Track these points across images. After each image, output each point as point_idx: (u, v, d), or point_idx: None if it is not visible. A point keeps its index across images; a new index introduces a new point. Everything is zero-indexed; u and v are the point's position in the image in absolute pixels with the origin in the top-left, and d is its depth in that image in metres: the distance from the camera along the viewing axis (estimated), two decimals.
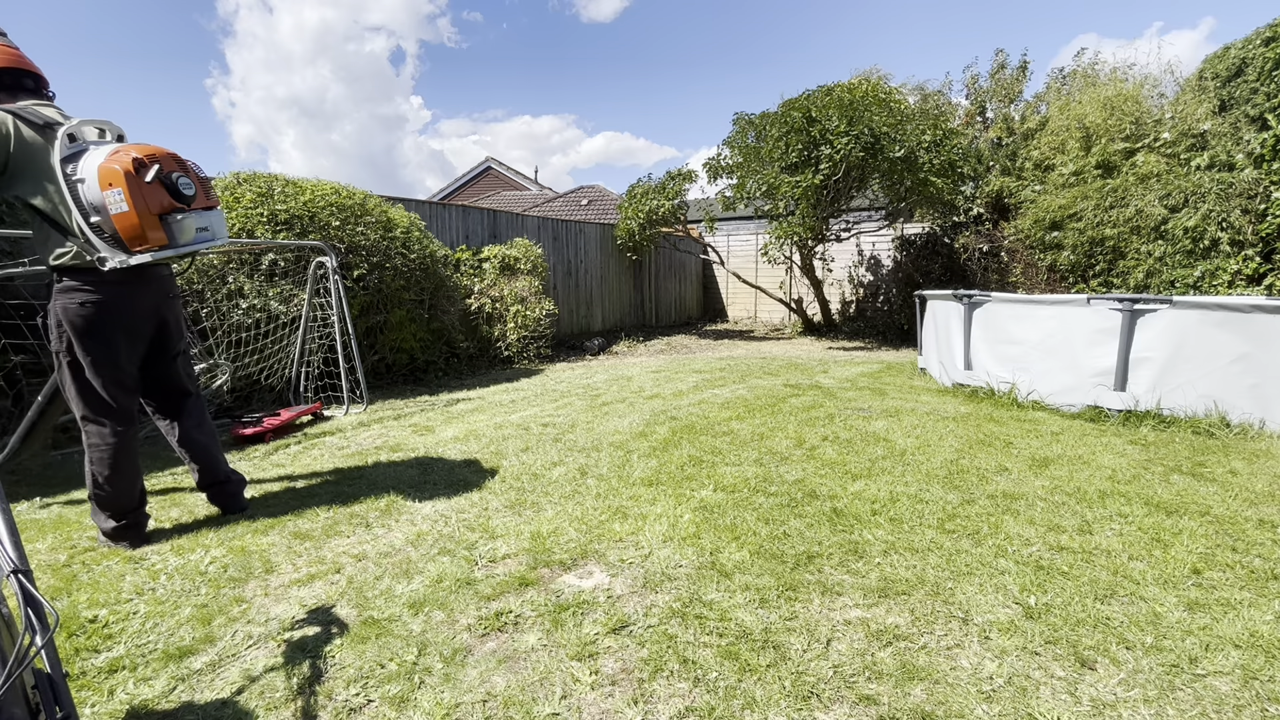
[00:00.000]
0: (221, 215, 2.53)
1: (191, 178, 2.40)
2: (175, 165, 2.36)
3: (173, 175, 2.32)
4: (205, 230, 2.43)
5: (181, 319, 2.71)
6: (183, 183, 2.35)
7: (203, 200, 2.44)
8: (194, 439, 2.71)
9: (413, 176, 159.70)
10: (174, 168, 2.35)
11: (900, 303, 10.25)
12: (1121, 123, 7.96)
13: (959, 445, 3.54)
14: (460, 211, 8.23)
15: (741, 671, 1.59)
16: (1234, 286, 6.69)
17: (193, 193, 2.39)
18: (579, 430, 4.05)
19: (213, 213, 2.48)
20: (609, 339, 10.08)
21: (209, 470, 2.74)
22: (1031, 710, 1.43)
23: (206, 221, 2.43)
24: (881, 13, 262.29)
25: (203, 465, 2.73)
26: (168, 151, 2.37)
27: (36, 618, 0.89)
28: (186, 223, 2.37)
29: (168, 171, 2.31)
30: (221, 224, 2.52)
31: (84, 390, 2.43)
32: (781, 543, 2.30)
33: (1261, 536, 2.32)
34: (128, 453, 2.47)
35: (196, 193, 2.40)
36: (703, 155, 52.63)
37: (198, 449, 2.71)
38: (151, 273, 2.51)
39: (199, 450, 2.72)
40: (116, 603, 2.00)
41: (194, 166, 2.48)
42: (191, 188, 2.38)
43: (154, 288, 2.53)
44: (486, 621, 1.83)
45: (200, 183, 2.44)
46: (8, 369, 3.83)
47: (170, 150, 2.39)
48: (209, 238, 2.45)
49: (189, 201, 2.36)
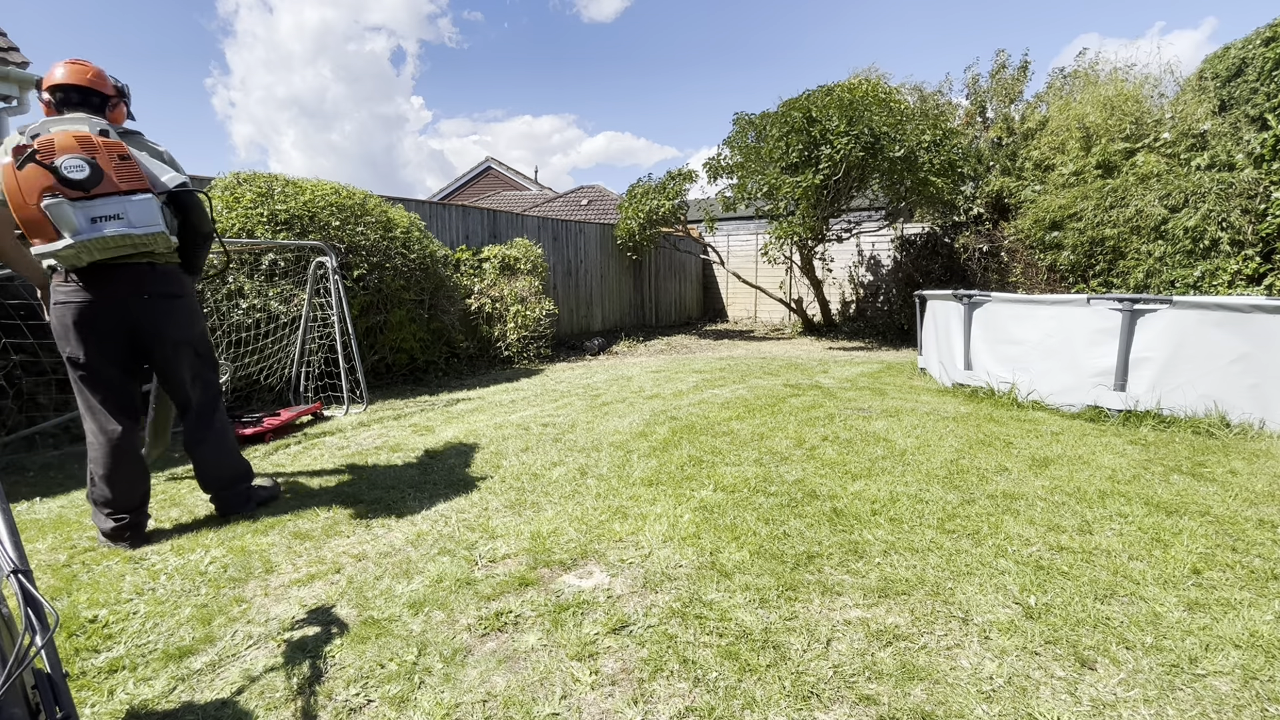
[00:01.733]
0: (144, 202, 2.25)
1: (103, 159, 2.16)
2: (74, 147, 2.13)
3: (57, 160, 2.09)
4: (119, 221, 2.19)
5: (169, 322, 2.49)
6: (67, 165, 2.10)
7: (115, 182, 2.18)
8: (193, 452, 2.67)
9: (413, 176, 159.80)
10: (72, 150, 2.12)
11: (900, 303, 10.25)
12: (1121, 123, 7.96)
13: (959, 445, 3.54)
14: (460, 211, 8.23)
15: (741, 671, 1.59)
16: (1234, 286, 6.69)
17: (83, 176, 2.12)
18: (579, 430, 4.05)
19: (130, 199, 2.21)
20: (609, 339, 10.08)
21: (207, 482, 2.72)
22: (1031, 710, 1.43)
23: (120, 208, 2.19)
24: (881, 11, 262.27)
25: (200, 477, 2.72)
26: (79, 131, 2.18)
27: (36, 618, 0.89)
28: (65, 213, 2.13)
29: (49, 156, 2.08)
30: (146, 212, 2.25)
31: (75, 389, 2.45)
32: (781, 543, 2.30)
33: (1261, 536, 2.32)
34: (122, 453, 2.41)
35: (92, 177, 2.13)
36: (703, 155, 52.55)
37: (197, 460, 2.68)
38: (117, 271, 2.34)
39: (198, 462, 2.69)
40: (116, 603, 2.00)
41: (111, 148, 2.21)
42: (83, 170, 2.12)
43: (121, 287, 2.37)
44: (486, 621, 1.83)
45: (109, 164, 2.18)
46: (8, 369, 3.83)
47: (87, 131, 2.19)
48: (127, 230, 2.21)
49: (77, 186, 2.11)
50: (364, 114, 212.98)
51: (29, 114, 5.95)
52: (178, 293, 2.53)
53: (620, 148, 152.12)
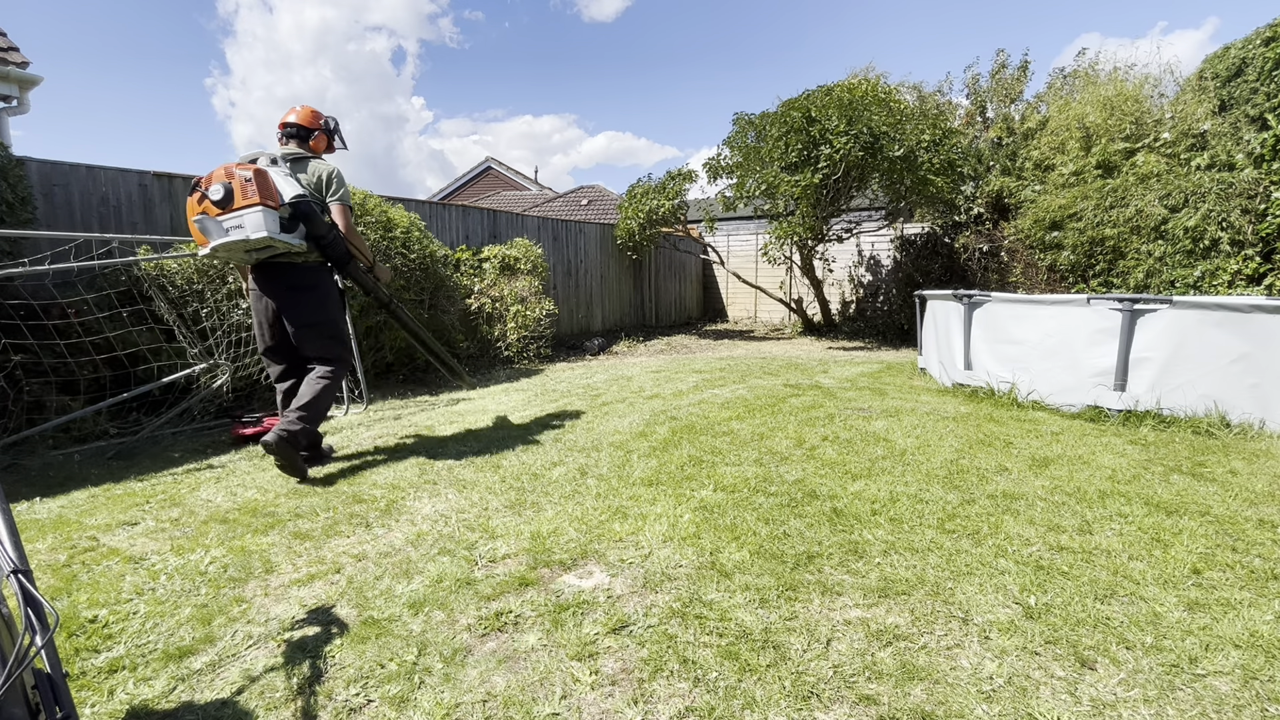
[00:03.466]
0: (255, 214, 2.87)
1: (237, 185, 2.87)
2: (223, 177, 2.89)
3: (208, 187, 2.89)
4: (237, 229, 2.89)
5: (300, 310, 3.24)
6: (211, 190, 2.87)
7: (237, 201, 2.87)
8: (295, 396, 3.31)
9: (413, 176, 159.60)
10: (220, 179, 2.88)
11: (900, 303, 10.25)
12: (1121, 123, 7.96)
13: (959, 445, 3.54)
14: (460, 211, 8.23)
15: (741, 671, 1.59)
16: (1234, 286, 6.69)
17: (218, 198, 2.85)
18: (579, 430, 4.05)
19: (245, 213, 2.88)
20: (609, 339, 10.08)
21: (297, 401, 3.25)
22: (1031, 710, 1.43)
23: (237, 221, 2.89)
24: (882, 11, 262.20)
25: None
26: (238, 165, 2.95)
27: (36, 618, 0.89)
28: (202, 225, 2.94)
29: (205, 185, 2.90)
30: (255, 221, 2.87)
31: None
32: (781, 543, 2.30)
33: (1261, 536, 2.32)
34: (289, 395, 3.37)
35: (225, 198, 2.86)
36: (704, 154, 52.48)
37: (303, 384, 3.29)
38: (267, 269, 3.18)
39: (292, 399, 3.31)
40: (116, 603, 2.00)
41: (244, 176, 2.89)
42: (218, 192, 2.86)
43: (271, 281, 3.19)
44: (486, 621, 1.83)
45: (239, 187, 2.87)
46: (9, 369, 3.83)
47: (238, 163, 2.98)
48: (243, 235, 2.88)
49: (216, 205, 2.87)
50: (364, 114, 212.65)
51: (29, 114, 5.95)
52: (308, 285, 3.24)
53: (621, 147, 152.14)
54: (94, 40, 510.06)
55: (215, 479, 3.29)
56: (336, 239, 3.21)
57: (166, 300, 4.43)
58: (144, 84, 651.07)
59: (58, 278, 4.05)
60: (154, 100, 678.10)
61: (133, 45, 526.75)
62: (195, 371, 4.29)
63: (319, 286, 3.27)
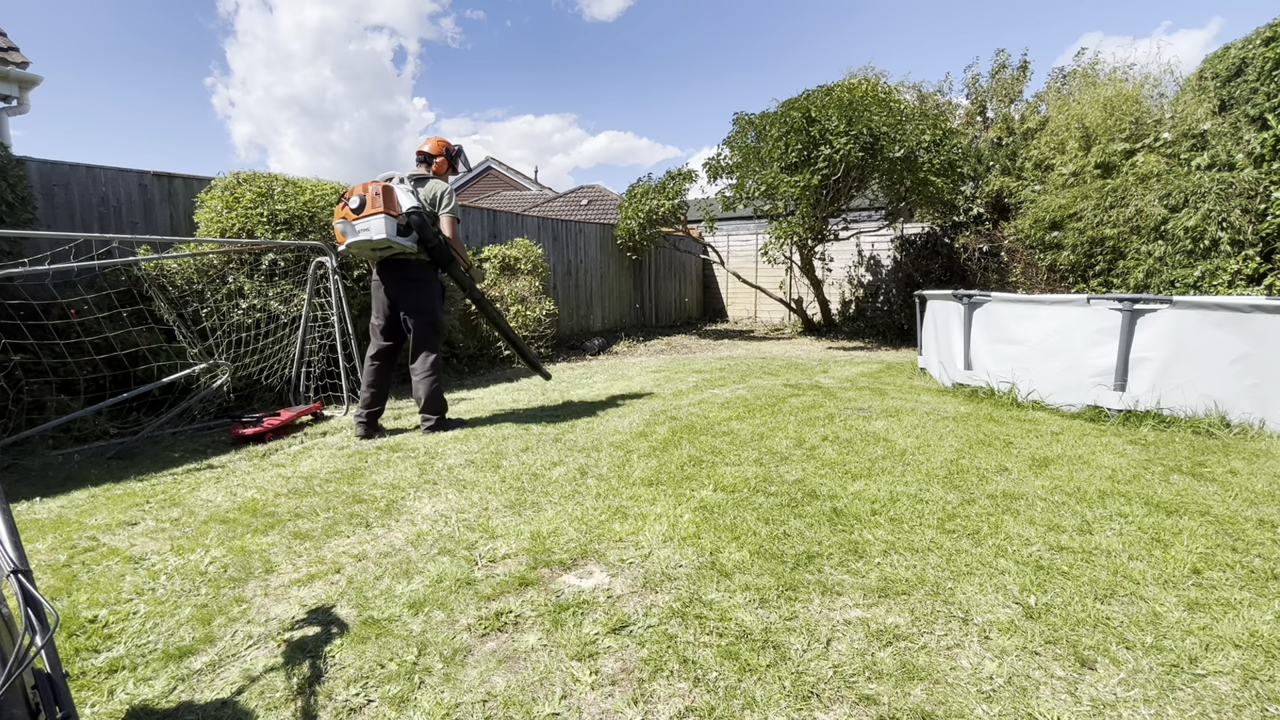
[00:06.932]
0: (379, 220, 3.53)
1: (369, 197, 3.55)
2: (360, 190, 3.61)
3: (349, 198, 3.62)
4: (365, 230, 3.58)
5: (409, 298, 3.95)
6: (350, 200, 3.61)
7: (368, 210, 3.56)
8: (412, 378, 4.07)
9: None
10: (359, 192, 3.60)
11: (900, 303, 10.26)
12: (1121, 123, 7.96)
13: (959, 445, 3.53)
14: (460, 211, 8.22)
15: (741, 671, 1.59)
16: (1234, 286, 6.69)
17: (355, 206, 3.58)
18: (579, 430, 4.05)
19: (372, 218, 3.54)
20: (609, 339, 10.08)
21: (418, 402, 4.09)
22: (1031, 710, 1.43)
23: (366, 225, 3.57)
24: (883, 10, 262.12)
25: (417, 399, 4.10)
26: (372, 181, 3.66)
27: (36, 618, 0.89)
28: (341, 227, 3.70)
29: (348, 196, 3.65)
30: (378, 225, 3.54)
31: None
32: (781, 543, 2.30)
33: (1261, 536, 2.32)
34: (375, 371, 4.04)
35: (359, 206, 3.57)
36: (705, 154, 52.37)
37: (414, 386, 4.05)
38: (388, 264, 3.93)
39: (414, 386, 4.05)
40: (116, 603, 2.00)
41: (375, 190, 3.58)
42: (355, 202, 3.57)
43: (390, 274, 3.94)
44: (486, 621, 1.83)
45: (370, 199, 3.55)
46: (9, 369, 3.83)
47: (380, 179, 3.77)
48: (369, 236, 3.57)
49: (354, 211, 3.60)
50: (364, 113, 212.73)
51: (29, 114, 5.95)
52: (417, 278, 3.94)
53: (622, 147, 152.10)
54: (94, 40, 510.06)
55: (215, 479, 3.29)
56: (441, 244, 3.83)
57: (166, 300, 4.43)
58: (144, 84, 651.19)
59: (58, 278, 4.04)
60: (154, 100, 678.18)
61: (133, 45, 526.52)
62: (195, 371, 4.29)
63: (426, 281, 3.97)
